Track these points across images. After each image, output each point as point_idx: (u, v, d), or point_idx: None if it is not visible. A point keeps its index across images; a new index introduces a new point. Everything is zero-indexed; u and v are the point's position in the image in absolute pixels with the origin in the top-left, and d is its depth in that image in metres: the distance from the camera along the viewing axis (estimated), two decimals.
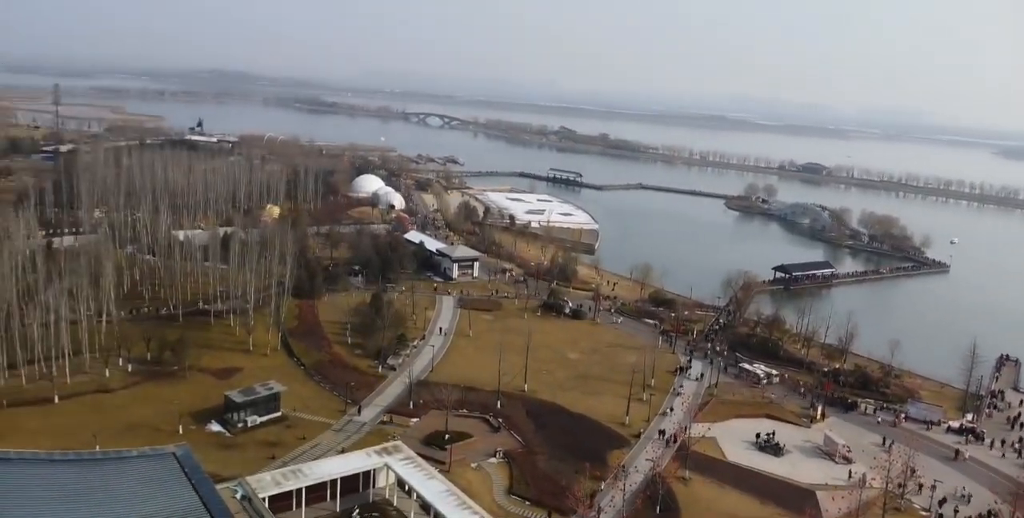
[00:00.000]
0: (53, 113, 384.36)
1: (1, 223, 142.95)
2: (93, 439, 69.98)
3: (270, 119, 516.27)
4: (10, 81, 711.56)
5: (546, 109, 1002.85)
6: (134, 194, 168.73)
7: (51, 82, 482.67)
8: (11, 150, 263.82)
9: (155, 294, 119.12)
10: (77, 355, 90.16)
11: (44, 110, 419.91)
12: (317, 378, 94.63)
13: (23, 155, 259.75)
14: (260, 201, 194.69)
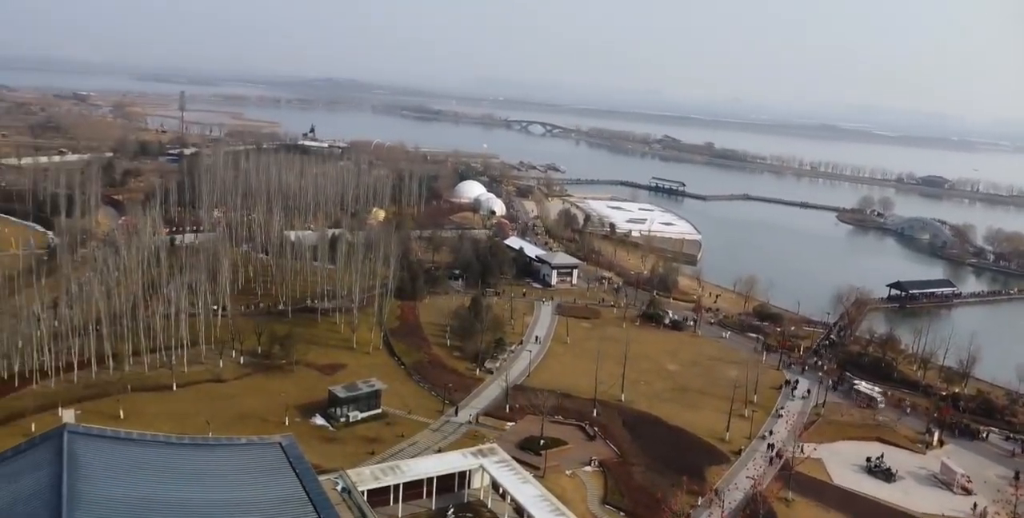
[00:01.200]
0: (179, 118, 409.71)
1: (131, 220, 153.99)
2: (206, 425, 73.49)
3: (378, 126, 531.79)
4: (142, 88, 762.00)
5: (650, 118, 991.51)
6: (250, 195, 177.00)
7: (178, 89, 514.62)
8: (141, 152, 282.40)
9: (267, 291, 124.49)
10: (194, 346, 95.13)
11: (171, 115, 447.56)
12: (416, 378, 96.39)
13: (151, 157, 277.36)
14: (367, 204, 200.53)
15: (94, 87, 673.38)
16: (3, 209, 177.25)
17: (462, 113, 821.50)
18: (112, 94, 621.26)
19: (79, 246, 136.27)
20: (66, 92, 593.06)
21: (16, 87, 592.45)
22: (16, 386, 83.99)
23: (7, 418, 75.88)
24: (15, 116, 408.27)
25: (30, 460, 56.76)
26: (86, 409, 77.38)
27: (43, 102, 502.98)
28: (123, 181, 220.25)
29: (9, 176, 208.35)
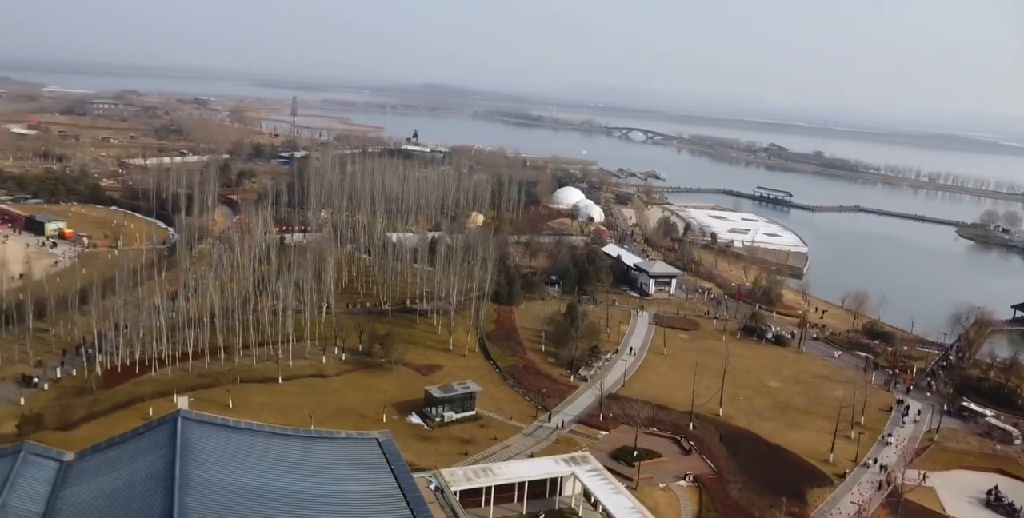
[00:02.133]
0: (290, 123, 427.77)
1: (244, 219, 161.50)
2: (309, 418, 75.92)
3: (479, 131, 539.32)
4: (257, 94, 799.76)
5: (755, 125, 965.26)
6: (355, 198, 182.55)
7: (290, 95, 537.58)
8: (255, 155, 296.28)
9: (368, 290, 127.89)
10: (299, 341, 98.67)
11: (283, 120, 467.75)
12: (511, 382, 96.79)
13: (264, 160, 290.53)
14: (466, 208, 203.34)
15: (213, 92, 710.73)
16: (130, 206, 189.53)
17: (562, 119, 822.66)
18: (230, 99, 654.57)
19: (197, 242, 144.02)
20: (188, 97, 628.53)
21: (144, 92, 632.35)
22: (137, 372, 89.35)
23: (129, 401, 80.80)
24: (143, 119, 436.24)
25: (147, 442, 60.12)
26: (199, 397, 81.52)
27: (168, 106, 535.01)
28: (238, 182, 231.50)
29: (136, 175, 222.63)
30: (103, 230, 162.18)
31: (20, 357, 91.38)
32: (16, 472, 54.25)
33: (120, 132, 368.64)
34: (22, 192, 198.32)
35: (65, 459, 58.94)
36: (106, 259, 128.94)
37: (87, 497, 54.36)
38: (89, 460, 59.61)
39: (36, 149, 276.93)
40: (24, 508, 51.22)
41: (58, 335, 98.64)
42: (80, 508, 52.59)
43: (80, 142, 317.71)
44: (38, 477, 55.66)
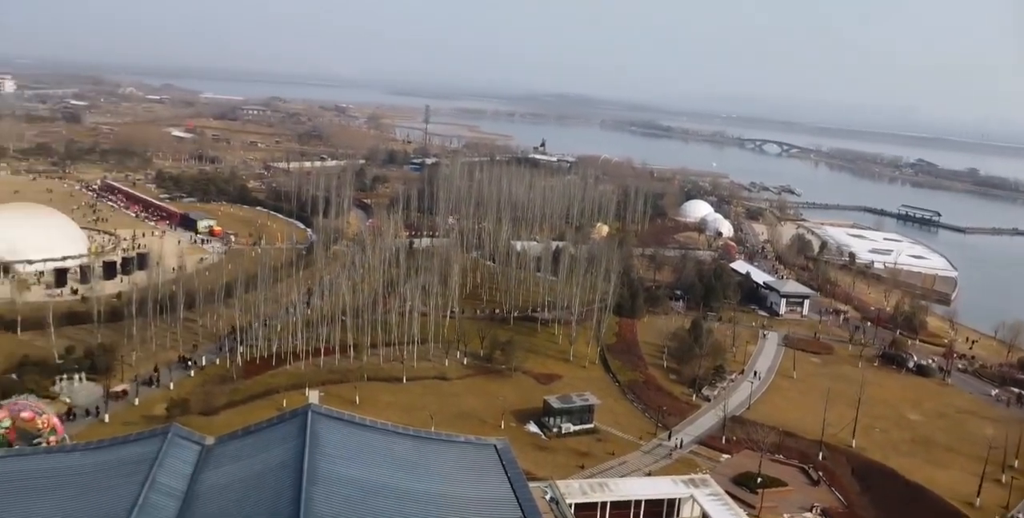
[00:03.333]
0: (423, 130, 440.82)
1: (376, 223, 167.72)
2: (430, 419, 77.42)
3: (606, 141, 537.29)
4: (392, 102, 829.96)
5: (902, 139, 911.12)
6: (482, 205, 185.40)
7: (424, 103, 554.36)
8: (388, 161, 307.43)
9: (492, 297, 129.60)
10: (424, 344, 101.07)
11: (416, 127, 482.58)
12: (630, 397, 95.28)
13: (397, 165, 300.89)
14: (591, 219, 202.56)
15: (352, 100, 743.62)
16: (273, 207, 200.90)
17: (692, 130, 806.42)
18: (367, 107, 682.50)
19: (332, 243, 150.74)
20: (329, 104, 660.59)
21: (290, 99, 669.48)
22: (274, 365, 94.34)
23: (265, 392, 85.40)
24: (287, 125, 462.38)
25: (280, 433, 63.08)
26: (328, 392, 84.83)
27: (310, 113, 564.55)
28: (372, 186, 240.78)
29: (279, 178, 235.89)
30: (248, 229, 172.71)
31: (171, 345, 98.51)
32: (164, 451, 58.21)
33: (267, 137, 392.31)
34: (178, 191, 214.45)
35: (206, 443, 62.74)
36: (250, 256, 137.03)
37: (224, 480, 57.61)
38: (227, 445, 63.20)
39: (192, 151, 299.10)
40: (170, 485, 54.87)
41: (204, 326, 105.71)
42: (218, 490, 55.77)
43: (231, 145, 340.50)
44: (183, 457, 59.51)
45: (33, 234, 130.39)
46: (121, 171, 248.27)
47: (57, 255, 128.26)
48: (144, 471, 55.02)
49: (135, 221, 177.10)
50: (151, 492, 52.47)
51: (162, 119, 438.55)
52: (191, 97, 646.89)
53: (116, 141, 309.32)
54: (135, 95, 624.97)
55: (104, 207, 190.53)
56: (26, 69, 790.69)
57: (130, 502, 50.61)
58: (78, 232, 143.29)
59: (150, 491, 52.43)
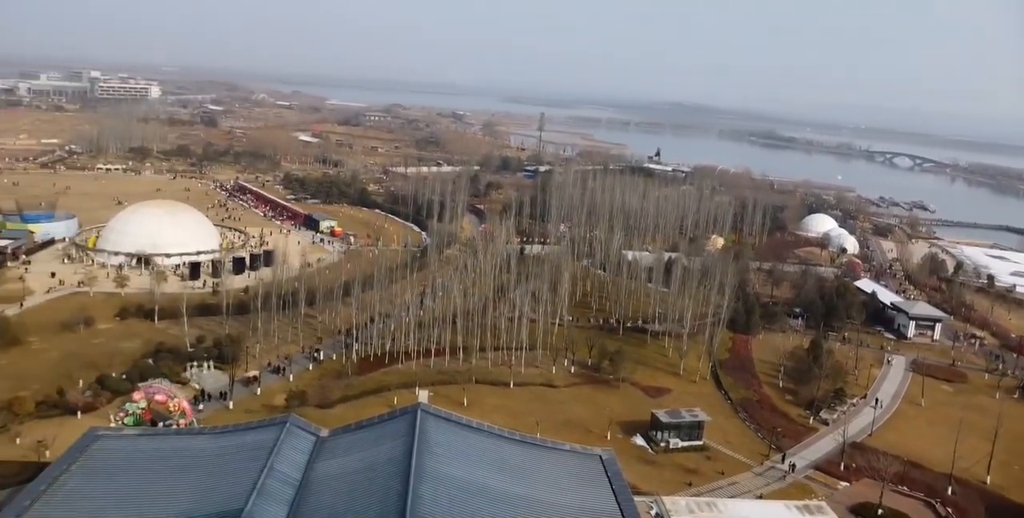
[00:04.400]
0: (537, 137, 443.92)
1: (489, 228, 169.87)
2: (535, 426, 77.43)
3: (724, 151, 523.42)
4: (507, 109, 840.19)
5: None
6: (594, 213, 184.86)
7: (538, 111, 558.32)
8: (502, 167, 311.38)
9: (601, 306, 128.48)
10: (532, 350, 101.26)
11: (530, 135, 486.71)
12: (742, 416, 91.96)
13: (510, 172, 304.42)
14: (706, 230, 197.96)
15: (468, 107, 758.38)
16: (390, 210, 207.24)
17: (816, 141, 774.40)
18: (483, 114, 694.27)
19: (445, 247, 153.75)
20: (446, 111, 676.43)
21: (409, 106, 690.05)
22: (386, 363, 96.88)
23: (377, 389, 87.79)
24: (406, 131, 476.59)
25: (390, 429, 64.61)
26: (437, 392, 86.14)
27: (428, 119, 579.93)
28: (485, 192, 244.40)
29: (397, 182, 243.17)
30: (367, 230, 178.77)
31: (292, 339, 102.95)
32: (282, 440, 60.75)
33: (386, 142, 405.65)
34: (303, 192, 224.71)
35: (321, 434, 65.07)
36: (367, 257, 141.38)
37: (336, 472, 59.50)
38: (340, 438, 65.31)
39: (317, 155, 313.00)
40: (286, 473, 57.19)
41: (323, 322, 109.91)
42: (330, 481, 57.66)
43: (353, 150, 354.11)
44: (299, 447, 61.91)
45: (172, 230, 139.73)
46: (252, 172, 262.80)
47: (192, 250, 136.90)
48: (263, 458, 57.62)
49: (263, 220, 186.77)
50: (269, 478, 54.86)
51: (290, 124, 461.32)
52: (318, 103, 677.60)
53: (248, 144, 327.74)
54: (267, 101, 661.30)
55: (235, 206, 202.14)
56: (170, 76, 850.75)
57: (250, 486, 53.05)
58: (212, 229, 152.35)
59: (268, 477, 54.83)
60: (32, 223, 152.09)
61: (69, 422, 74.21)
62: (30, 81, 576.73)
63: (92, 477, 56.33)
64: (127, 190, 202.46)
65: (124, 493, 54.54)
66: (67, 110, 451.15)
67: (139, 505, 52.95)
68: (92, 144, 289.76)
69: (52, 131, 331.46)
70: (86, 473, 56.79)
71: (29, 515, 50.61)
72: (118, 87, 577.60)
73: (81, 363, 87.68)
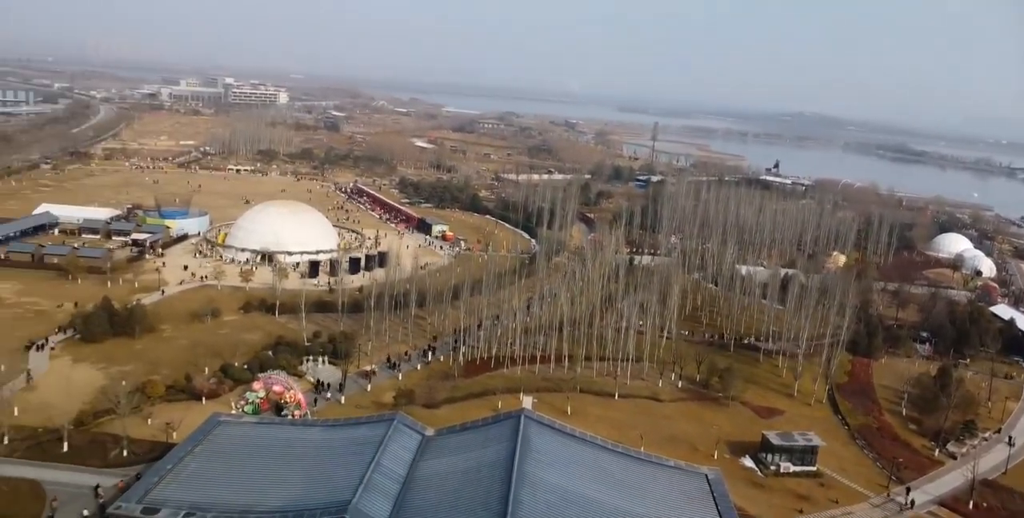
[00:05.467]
0: (650, 147, 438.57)
1: (598, 237, 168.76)
2: (639, 439, 75.92)
3: (848, 165, 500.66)
4: (620, 118, 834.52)
5: None
6: (707, 226, 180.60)
7: (652, 120, 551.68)
8: (613, 177, 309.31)
9: (711, 321, 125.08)
10: (637, 362, 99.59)
11: (643, 144, 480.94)
12: (860, 443, 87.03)
13: (622, 182, 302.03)
14: (826, 247, 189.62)
15: (581, 116, 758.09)
16: (500, 216, 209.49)
17: (950, 156, 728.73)
18: (595, 123, 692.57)
19: (554, 255, 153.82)
20: (559, 119, 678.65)
21: (522, 114, 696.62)
22: (492, 367, 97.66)
23: (482, 392, 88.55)
24: (519, 139, 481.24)
25: (494, 432, 65.00)
26: (541, 399, 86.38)
27: (541, 127, 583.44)
28: (596, 201, 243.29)
29: (509, 189, 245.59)
30: (477, 235, 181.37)
31: (402, 338, 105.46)
32: (389, 437, 62.24)
33: (499, 149, 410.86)
34: (417, 196, 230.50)
35: (427, 433, 66.25)
36: (477, 262, 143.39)
37: (440, 471, 60.34)
38: (445, 438, 66.28)
39: (432, 160, 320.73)
40: (392, 469, 58.51)
41: (432, 324, 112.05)
42: (434, 480, 58.50)
43: (466, 156, 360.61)
44: (405, 444, 63.24)
45: (295, 229, 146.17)
46: (369, 176, 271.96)
47: (312, 249, 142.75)
48: (371, 452, 59.22)
49: (378, 222, 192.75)
50: (376, 473, 56.29)
51: (408, 130, 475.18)
52: (434, 110, 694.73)
53: (367, 149, 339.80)
54: (386, 108, 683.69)
55: (353, 208, 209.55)
56: (298, 83, 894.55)
57: (357, 479, 54.62)
58: (331, 229, 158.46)
59: (375, 471, 56.28)
60: (169, 219, 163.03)
61: (194, 407, 78.69)
62: (171, 87, 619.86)
63: (213, 460, 59.42)
64: (254, 190, 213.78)
65: (241, 477, 57.23)
66: (203, 114, 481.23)
67: (254, 489, 55.42)
68: (224, 146, 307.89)
69: (189, 133, 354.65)
70: (208, 456, 59.98)
71: (156, 491, 53.92)
72: (249, 93, 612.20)
73: (207, 351, 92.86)
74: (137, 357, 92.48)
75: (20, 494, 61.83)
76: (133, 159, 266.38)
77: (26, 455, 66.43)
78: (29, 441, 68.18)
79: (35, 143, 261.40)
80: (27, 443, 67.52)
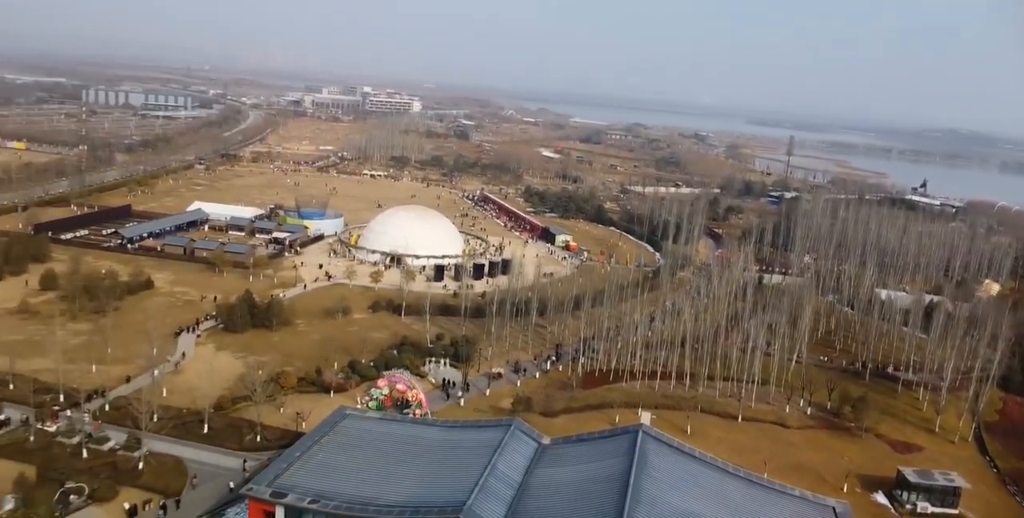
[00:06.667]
0: (784, 162, 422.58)
1: (726, 253, 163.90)
2: (763, 465, 72.71)
3: (1005, 186, 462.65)
4: (753, 132, 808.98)
5: None
6: (844, 246, 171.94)
7: (787, 134, 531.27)
8: (744, 192, 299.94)
9: (845, 346, 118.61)
10: (764, 385, 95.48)
11: (777, 159, 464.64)
12: (1012, 489, 79.61)
13: (753, 197, 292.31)
14: (977, 274, 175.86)
15: (712, 128, 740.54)
16: (625, 228, 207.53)
17: None
18: (727, 136, 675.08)
19: (678, 269, 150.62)
20: (688, 132, 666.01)
21: (651, 126, 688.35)
22: (611, 380, 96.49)
23: (599, 405, 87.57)
24: (646, 150, 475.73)
25: (610, 446, 64.02)
26: (660, 416, 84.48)
27: (670, 140, 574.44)
28: (724, 216, 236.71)
29: (634, 201, 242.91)
30: (600, 247, 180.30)
31: (522, 345, 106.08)
32: (506, 442, 62.57)
33: (626, 161, 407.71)
34: (542, 206, 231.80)
35: (543, 441, 66.14)
36: (599, 273, 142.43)
37: (555, 480, 60.01)
38: (561, 448, 65.91)
39: (558, 170, 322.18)
40: (507, 474, 58.76)
41: (552, 333, 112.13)
42: (549, 489, 58.23)
43: (592, 167, 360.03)
44: (521, 451, 63.38)
45: (423, 233, 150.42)
46: (496, 184, 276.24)
47: (439, 253, 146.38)
48: (487, 456, 59.73)
49: (503, 230, 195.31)
50: (491, 476, 56.69)
51: (535, 140, 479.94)
52: (562, 121, 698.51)
53: (495, 157, 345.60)
54: (514, 117, 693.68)
55: (479, 215, 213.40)
56: (430, 92, 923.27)
57: (473, 481, 55.20)
58: (457, 235, 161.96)
59: (490, 475, 56.69)
60: (307, 219, 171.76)
61: (323, 399, 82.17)
62: (314, 94, 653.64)
63: (338, 451, 61.68)
64: (386, 195, 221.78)
65: (363, 470, 59.11)
66: (342, 121, 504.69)
67: (375, 483, 57.11)
68: (360, 152, 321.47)
69: (328, 139, 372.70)
70: (333, 447, 62.32)
71: (285, 477, 56.54)
72: (385, 101, 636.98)
73: (337, 347, 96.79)
74: (273, 348, 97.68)
75: (166, 469, 66.57)
76: (277, 162, 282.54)
77: (172, 433, 71.44)
78: (175, 420, 73.28)
79: (191, 145, 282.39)
80: (173, 422, 72.56)
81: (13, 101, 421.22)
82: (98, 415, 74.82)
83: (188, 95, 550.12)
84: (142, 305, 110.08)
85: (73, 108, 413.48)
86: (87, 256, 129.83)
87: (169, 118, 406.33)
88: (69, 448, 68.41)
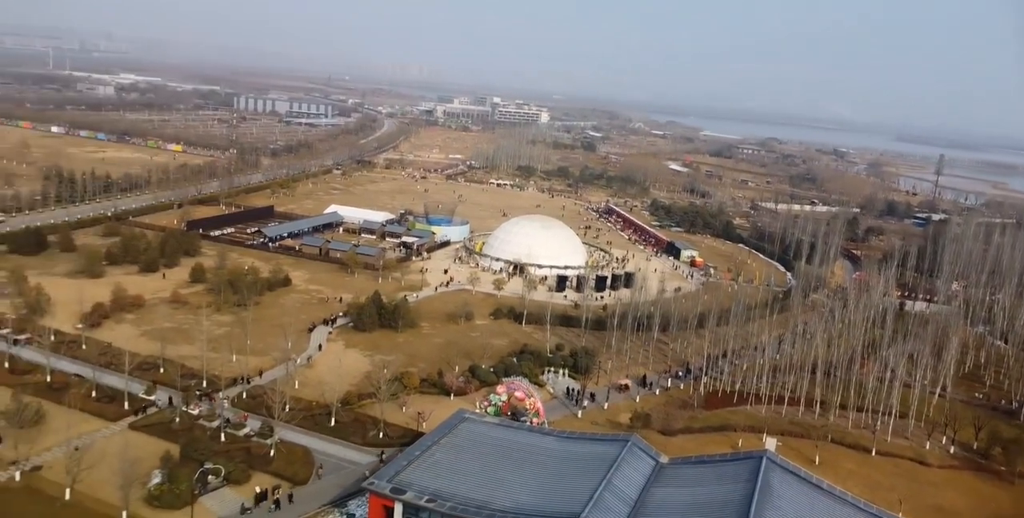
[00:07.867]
0: (932, 182, 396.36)
1: (864, 276, 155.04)
2: (897, 504, 68.09)
3: None
4: (899, 149, 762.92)
5: None
6: (998, 274, 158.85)
7: (937, 152, 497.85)
8: (887, 212, 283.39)
9: (996, 383, 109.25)
10: (902, 418, 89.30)
11: (924, 178, 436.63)
12: None
13: (896, 218, 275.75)
14: None
15: (854, 145, 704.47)
16: (755, 246, 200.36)
17: None
18: (869, 152, 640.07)
19: (811, 291, 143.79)
20: (827, 148, 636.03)
21: (786, 141, 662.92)
22: (734, 402, 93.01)
23: (721, 427, 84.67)
24: (780, 166, 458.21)
25: (732, 471, 61.70)
26: (786, 444, 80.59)
27: (806, 155, 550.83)
28: (864, 237, 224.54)
29: (765, 218, 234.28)
30: (728, 264, 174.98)
31: (642, 360, 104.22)
32: (623, 458, 61.55)
33: (758, 176, 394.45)
34: (668, 220, 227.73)
35: (661, 460, 64.60)
36: (726, 291, 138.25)
37: (672, 500, 58.41)
38: (680, 468, 64.15)
39: (685, 184, 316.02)
40: (622, 490, 57.72)
41: (674, 350, 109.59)
42: (665, 509, 56.69)
43: (722, 182, 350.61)
44: (638, 468, 62.13)
45: (546, 243, 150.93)
46: (621, 197, 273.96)
47: (561, 264, 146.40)
48: (603, 470, 58.97)
49: (627, 243, 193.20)
50: (606, 491, 55.88)
51: (663, 153, 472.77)
52: (691, 134, 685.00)
53: (621, 169, 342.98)
54: (643, 130, 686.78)
55: (603, 227, 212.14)
56: (559, 104, 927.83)
57: (587, 495, 54.62)
58: (580, 246, 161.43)
59: (605, 490, 55.91)
60: (435, 225, 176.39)
61: (443, 401, 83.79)
62: (445, 104, 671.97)
63: (456, 453, 62.64)
64: (511, 204, 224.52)
65: (479, 473, 59.74)
66: (471, 130, 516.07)
67: (489, 487, 57.57)
68: (488, 161, 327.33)
69: (458, 148, 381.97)
70: (451, 449, 63.37)
71: (404, 474, 57.98)
72: (514, 112, 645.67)
73: (458, 351, 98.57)
74: (398, 349, 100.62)
75: (295, 457, 69.81)
76: (408, 169, 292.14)
77: (301, 424, 74.79)
78: (304, 412, 76.60)
79: (330, 151, 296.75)
80: (303, 414, 75.87)
81: (174, 107, 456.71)
82: (235, 402, 79.39)
83: (329, 104, 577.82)
84: (280, 301, 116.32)
85: (225, 114, 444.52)
86: (232, 252, 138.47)
87: (311, 125, 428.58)
88: (209, 431, 72.90)
